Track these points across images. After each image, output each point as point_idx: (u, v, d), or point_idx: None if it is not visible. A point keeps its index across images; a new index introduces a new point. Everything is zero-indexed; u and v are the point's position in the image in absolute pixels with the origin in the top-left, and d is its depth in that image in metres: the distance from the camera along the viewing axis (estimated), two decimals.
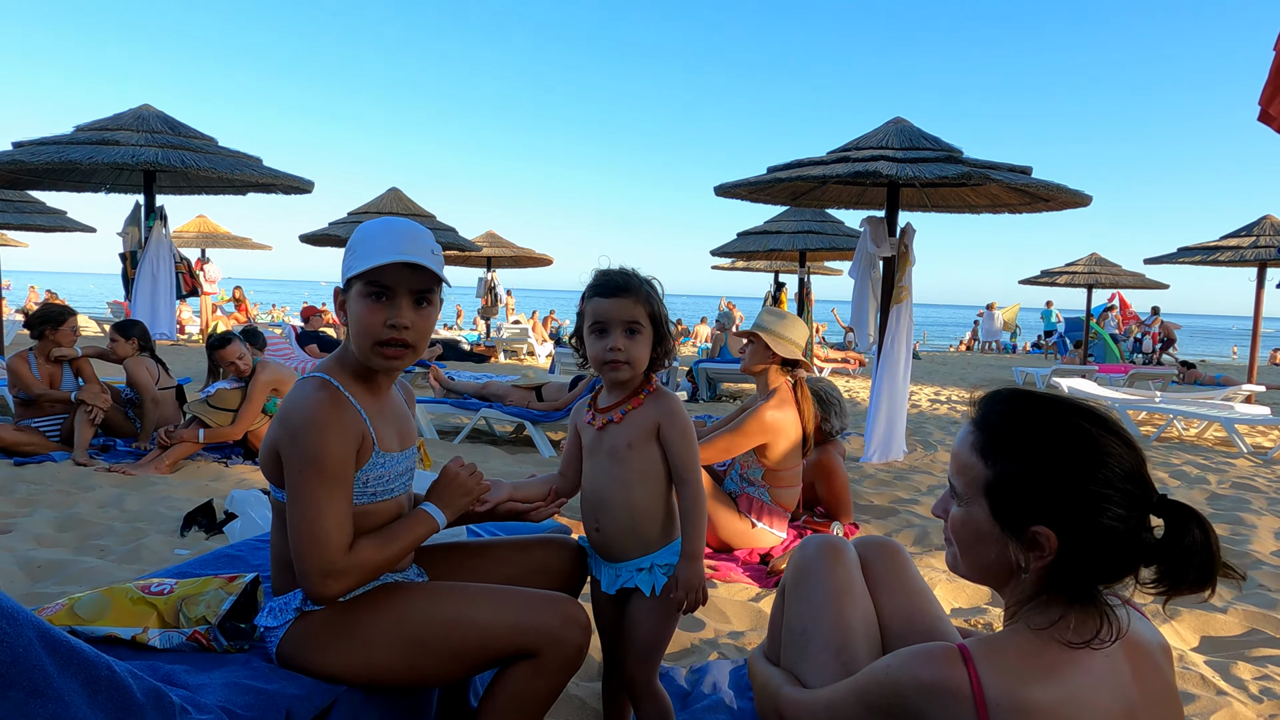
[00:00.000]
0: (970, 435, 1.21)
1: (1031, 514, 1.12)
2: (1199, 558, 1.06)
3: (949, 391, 13.19)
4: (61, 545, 3.40)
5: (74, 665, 1.05)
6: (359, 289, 1.50)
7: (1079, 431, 1.11)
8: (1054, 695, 1.06)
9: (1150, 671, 1.14)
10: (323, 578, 1.42)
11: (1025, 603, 1.15)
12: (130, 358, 5.38)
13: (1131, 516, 1.08)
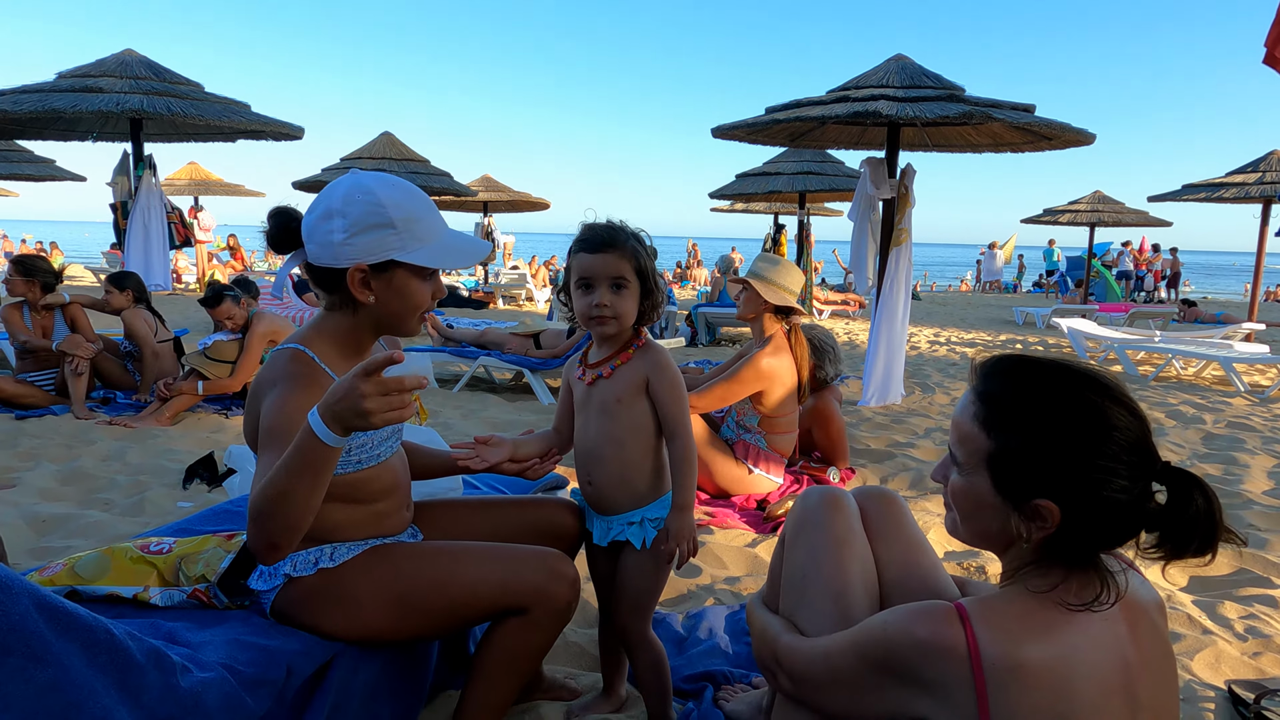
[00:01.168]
0: (971, 405, 1.19)
1: (1034, 487, 1.11)
2: (1202, 526, 1.06)
3: (948, 332, 13.18)
4: (65, 499, 3.43)
5: (72, 630, 1.06)
6: (413, 271, 1.52)
7: (1085, 403, 1.09)
8: (1049, 654, 1.07)
9: (1147, 630, 1.16)
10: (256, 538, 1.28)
11: (1024, 566, 1.15)
12: (126, 310, 5.35)
13: (1135, 487, 1.07)
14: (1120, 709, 1.09)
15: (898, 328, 6.27)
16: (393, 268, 1.51)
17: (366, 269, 1.49)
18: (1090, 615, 1.09)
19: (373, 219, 1.47)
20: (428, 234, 1.52)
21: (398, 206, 1.49)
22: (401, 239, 1.49)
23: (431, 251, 1.53)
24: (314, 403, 1.27)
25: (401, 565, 1.55)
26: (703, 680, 2.05)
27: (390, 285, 1.52)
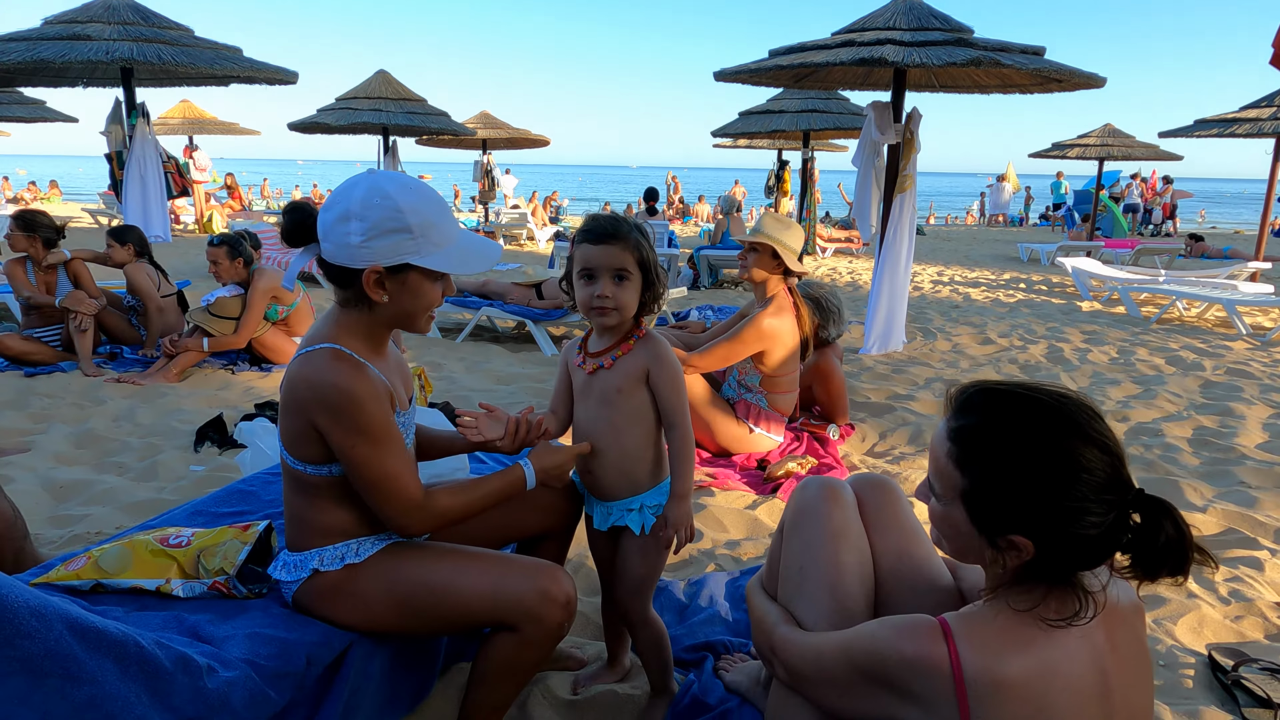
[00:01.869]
0: (945, 442, 1.22)
1: (1008, 524, 1.14)
2: (1173, 552, 1.10)
3: (953, 271, 13.10)
4: (80, 463, 3.51)
5: (104, 647, 1.12)
6: (426, 273, 1.55)
7: (1054, 446, 1.11)
8: (1028, 669, 1.12)
9: (1124, 636, 1.20)
10: (405, 523, 1.55)
11: (1006, 583, 1.20)
12: (129, 264, 5.35)
13: (1107, 519, 1.10)
14: (1095, 715, 1.15)
15: (900, 275, 6.26)
16: (407, 270, 1.53)
17: (382, 270, 1.52)
18: (1069, 630, 1.14)
19: (390, 224, 1.49)
20: (443, 238, 1.55)
21: (415, 211, 1.51)
22: (417, 243, 1.51)
23: (446, 256, 1.55)
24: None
25: (406, 570, 1.60)
26: (703, 650, 2.14)
27: (404, 286, 1.54)
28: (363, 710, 1.66)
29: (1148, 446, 3.93)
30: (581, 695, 1.96)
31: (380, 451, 1.48)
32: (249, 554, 1.69)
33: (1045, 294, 10.32)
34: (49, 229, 5.24)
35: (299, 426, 1.50)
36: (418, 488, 1.54)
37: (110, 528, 2.78)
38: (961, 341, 6.88)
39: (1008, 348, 6.65)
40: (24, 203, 23.53)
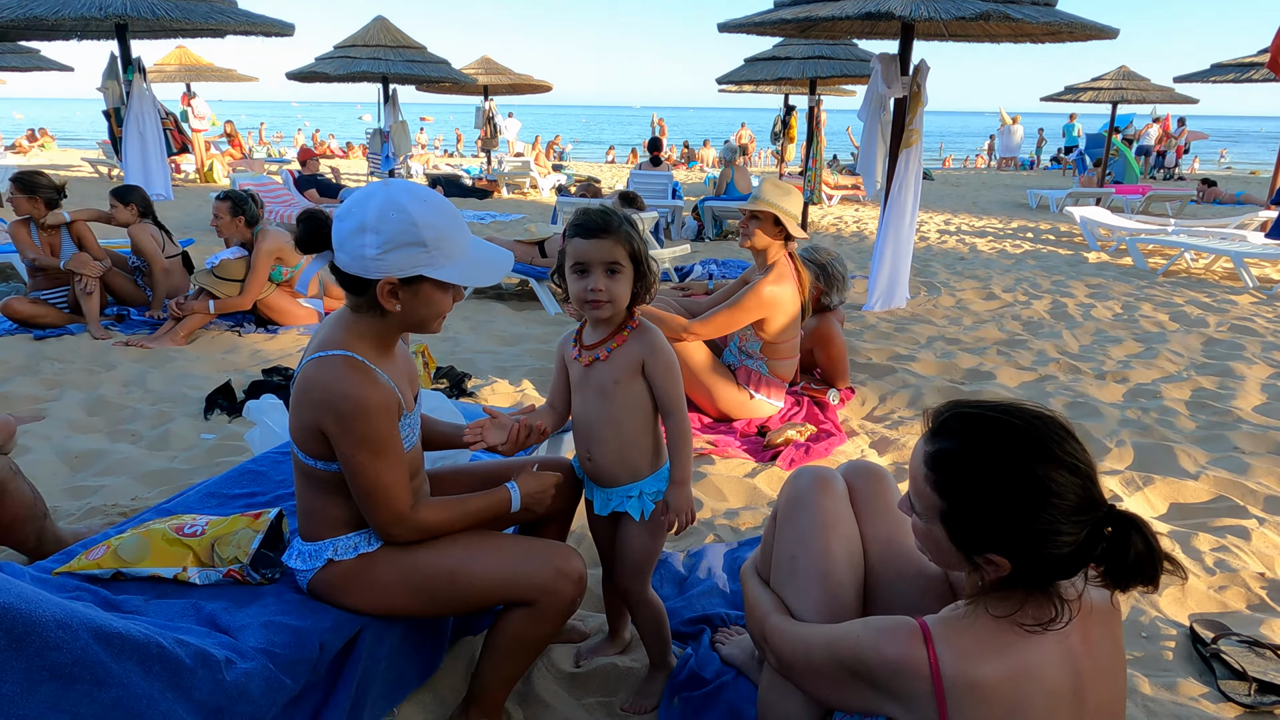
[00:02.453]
0: (923, 466, 1.25)
1: (984, 545, 1.19)
2: (1143, 566, 1.14)
3: (960, 219, 12.98)
4: (94, 431, 3.58)
5: (127, 650, 1.19)
6: (437, 284, 1.58)
7: (1025, 474, 1.15)
8: (1003, 672, 1.18)
9: (1099, 635, 1.26)
10: (390, 532, 1.62)
11: (985, 590, 1.24)
12: (132, 225, 5.34)
13: (1079, 536, 1.14)
14: (1068, 713, 1.21)
15: (905, 231, 6.22)
16: (420, 281, 1.56)
17: (396, 281, 1.54)
18: (1045, 633, 1.19)
19: (406, 238, 1.51)
20: (455, 250, 1.57)
21: (429, 226, 1.53)
22: (431, 256, 1.54)
23: (459, 268, 1.58)
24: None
25: (421, 556, 1.66)
26: (700, 623, 2.21)
27: (417, 296, 1.57)
28: (375, 687, 1.74)
29: (1145, 410, 3.96)
30: (584, 668, 2.05)
31: (379, 463, 1.53)
32: (261, 541, 1.75)
33: (1052, 244, 10.24)
34: (50, 189, 5.23)
35: (309, 426, 1.54)
36: (407, 501, 1.59)
37: (125, 499, 2.86)
38: (965, 297, 6.87)
39: (1011, 303, 6.64)
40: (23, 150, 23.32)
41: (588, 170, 18.76)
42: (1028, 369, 4.70)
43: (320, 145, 25.21)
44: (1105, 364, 4.83)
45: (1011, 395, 4.15)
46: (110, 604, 1.58)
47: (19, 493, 2.13)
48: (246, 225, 5.05)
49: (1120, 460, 3.43)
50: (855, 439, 3.61)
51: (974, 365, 4.71)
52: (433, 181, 14.35)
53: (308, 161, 11.17)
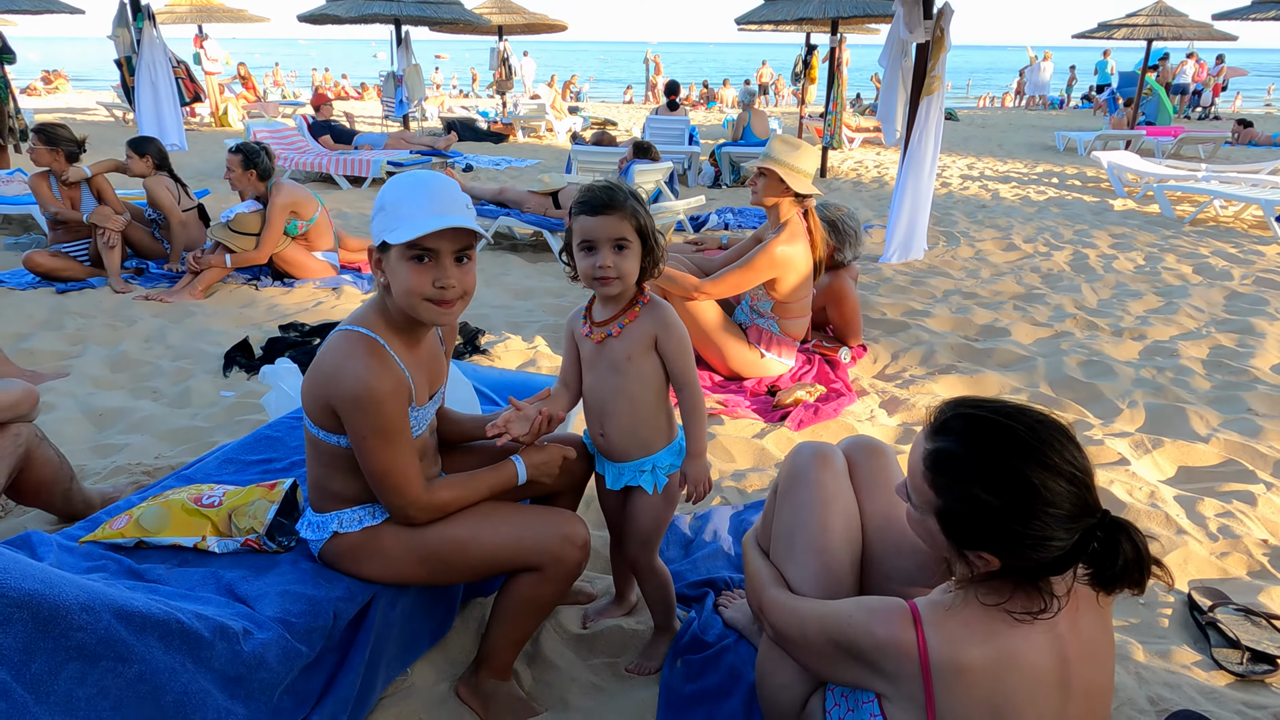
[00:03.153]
0: (921, 462, 1.26)
1: (976, 544, 1.21)
2: (1131, 572, 1.15)
3: (984, 163, 12.70)
4: (117, 387, 3.66)
5: (148, 628, 1.25)
6: (400, 252, 1.54)
7: (1021, 481, 1.15)
8: (989, 657, 1.21)
9: (1087, 621, 1.28)
10: (408, 515, 1.66)
11: (976, 579, 1.27)
12: (148, 178, 5.36)
13: (1070, 540, 1.15)
14: (1052, 697, 1.25)
15: (924, 181, 6.11)
16: (388, 249, 1.57)
17: (374, 250, 1.60)
18: (1033, 622, 1.22)
19: (377, 204, 1.58)
20: (411, 213, 1.52)
21: (395, 191, 1.57)
22: (389, 219, 1.55)
23: (405, 229, 1.51)
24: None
25: (429, 527, 1.71)
26: (704, 587, 2.27)
27: (390, 267, 1.58)
28: (388, 650, 1.82)
29: (1160, 369, 3.94)
30: (591, 629, 2.12)
31: (391, 448, 1.57)
32: (278, 510, 1.81)
33: (1078, 190, 10.02)
34: (71, 143, 5.25)
35: (320, 399, 1.58)
36: (420, 483, 1.63)
37: (149, 457, 2.95)
38: (985, 248, 6.77)
39: (1031, 254, 6.55)
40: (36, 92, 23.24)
41: (605, 112, 18.45)
42: (1044, 325, 4.66)
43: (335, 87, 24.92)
44: (1123, 320, 4.78)
45: (1025, 352, 4.13)
46: (134, 572, 1.66)
47: (45, 458, 2.20)
48: (259, 179, 5.05)
49: (1131, 422, 3.42)
50: (865, 398, 3.62)
51: (989, 321, 4.68)
52: (448, 126, 14.20)
53: (321, 107, 11.07)
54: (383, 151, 10.16)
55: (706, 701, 1.86)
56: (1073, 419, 3.45)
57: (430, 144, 11.09)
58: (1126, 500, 2.72)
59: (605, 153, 7.86)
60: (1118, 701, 1.85)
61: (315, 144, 10.41)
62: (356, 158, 9.47)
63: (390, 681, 1.87)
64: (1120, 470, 2.94)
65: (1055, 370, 3.89)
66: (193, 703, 1.31)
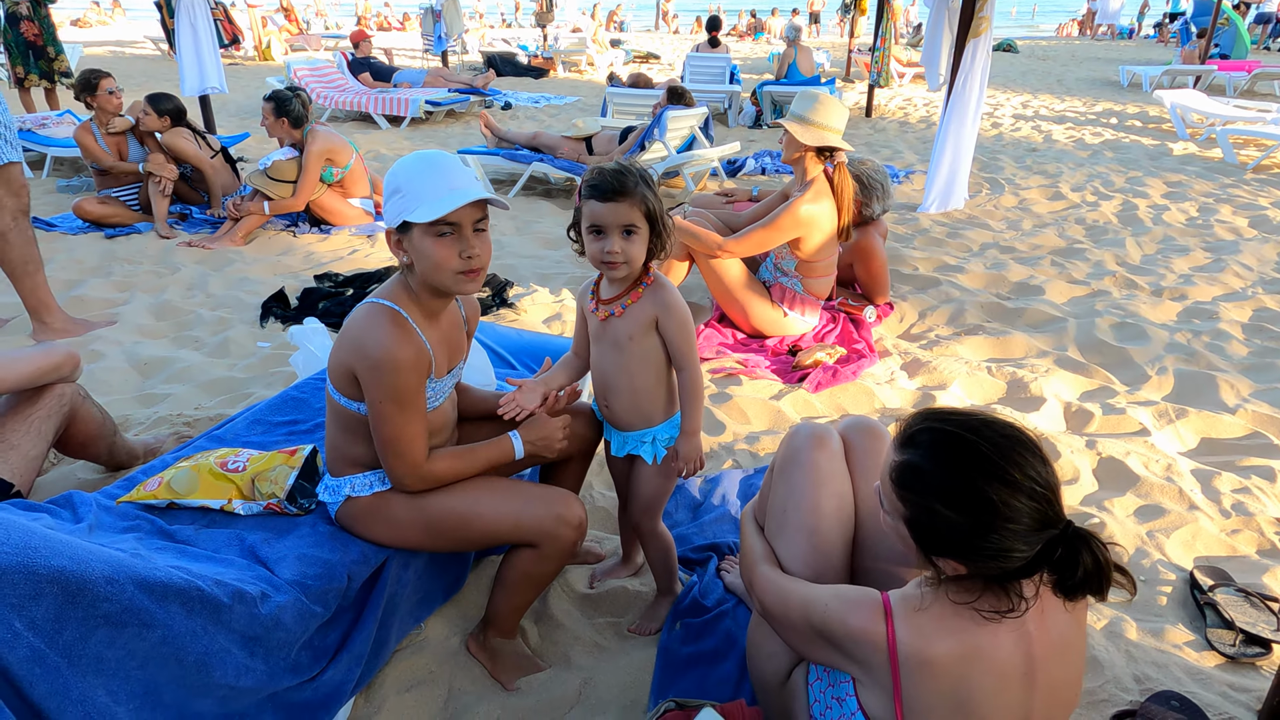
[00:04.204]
0: (891, 472, 1.29)
1: (941, 551, 1.24)
2: (1091, 581, 1.18)
3: (1040, 101, 12.20)
4: (160, 336, 3.82)
5: (169, 596, 1.36)
6: (424, 230, 1.62)
7: (983, 497, 1.17)
8: (954, 651, 1.26)
9: (1055, 621, 1.31)
10: (404, 482, 1.75)
11: (946, 579, 1.30)
12: (166, 133, 5.42)
13: (1033, 550, 1.18)
14: (1016, 692, 1.30)
15: (967, 128, 5.93)
16: (410, 229, 1.64)
17: (394, 232, 1.67)
18: (1001, 620, 1.26)
19: (390, 188, 1.64)
20: (427, 193, 1.60)
21: (404, 174, 1.63)
22: (406, 201, 1.62)
23: (427, 207, 1.59)
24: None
25: (434, 497, 1.80)
26: (708, 551, 2.35)
27: (413, 246, 1.66)
28: (402, 607, 1.93)
29: (1196, 333, 3.84)
30: (597, 589, 2.22)
31: (403, 415, 1.65)
32: (299, 474, 1.91)
33: (1137, 132, 9.60)
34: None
35: (344, 365, 1.68)
36: (423, 453, 1.72)
37: (189, 407, 3.10)
38: (1030, 196, 6.58)
39: (1078, 204, 6.35)
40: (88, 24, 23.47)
41: (648, 44, 18.02)
42: (1080, 283, 4.56)
43: (378, 17, 24.68)
44: (1165, 278, 4.64)
45: (1057, 313, 4.06)
46: (165, 533, 1.78)
47: (89, 416, 2.34)
48: (292, 126, 5.11)
49: (1158, 389, 3.37)
50: (887, 360, 3.61)
51: (1024, 278, 4.59)
52: (488, 60, 14.05)
53: (360, 44, 11.03)
54: (421, 90, 10.13)
55: (701, 664, 1.96)
56: (1097, 385, 3.41)
57: (468, 82, 11.01)
58: (1141, 474, 2.71)
59: (641, 95, 7.74)
60: (1103, 679, 1.89)
61: (354, 82, 10.42)
62: (395, 96, 9.46)
63: (405, 635, 2.00)
64: (1139, 441, 2.92)
65: (1085, 333, 3.83)
66: (213, 661, 1.43)
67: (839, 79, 14.32)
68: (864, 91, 11.41)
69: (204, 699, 1.46)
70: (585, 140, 6.33)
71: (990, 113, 11.06)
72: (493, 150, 6.60)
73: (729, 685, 1.90)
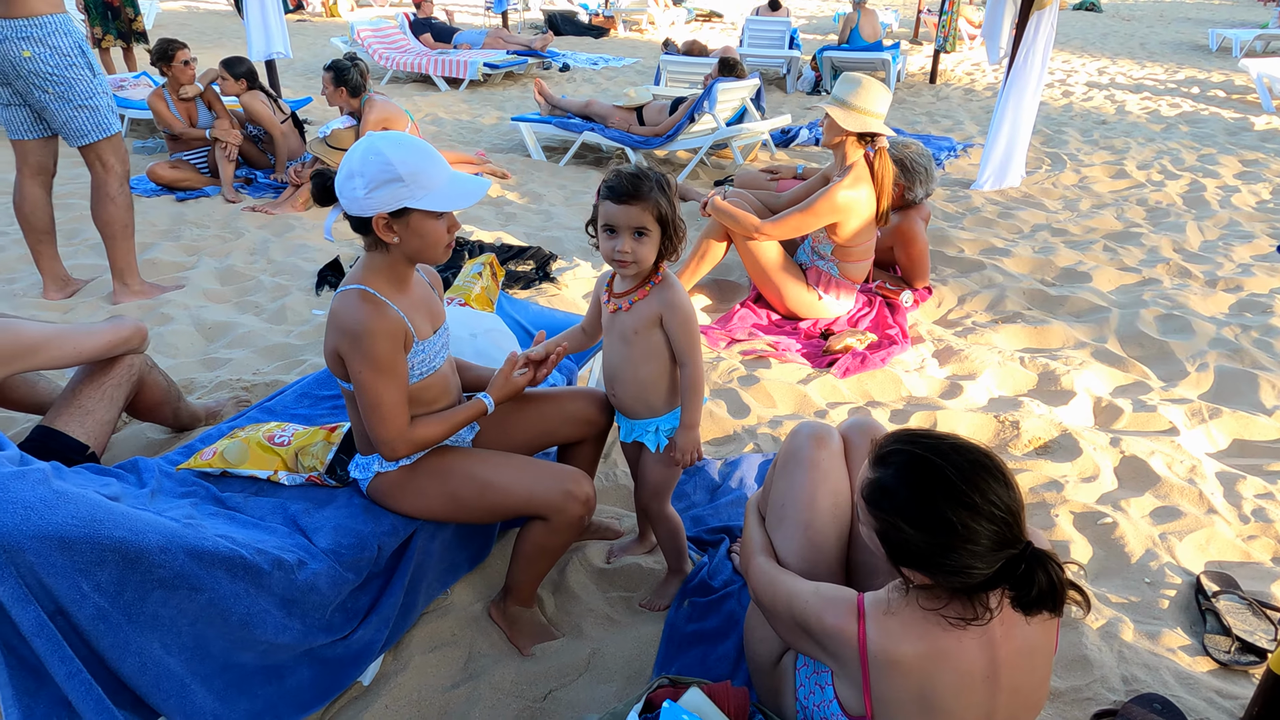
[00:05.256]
0: (864, 487, 1.37)
1: (907, 564, 1.33)
2: (1046, 599, 1.26)
3: (1118, 67, 11.67)
4: (224, 301, 4.06)
5: (216, 563, 1.53)
6: (424, 214, 1.76)
7: (943, 519, 1.25)
8: (920, 653, 1.35)
9: (1022, 630, 1.39)
10: (389, 447, 1.87)
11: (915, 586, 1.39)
12: (243, 95, 5.66)
13: (993, 569, 1.26)
14: (979, 692, 1.39)
15: (1027, 104, 5.77)
16: (408, 213, 1.76)
17: (387, 216, 1.76)
18: (965, 628, 1.35)
19: (385, 175, 1.72)
20: (432, 182, 1.75)
21: (404, 163, 1.72)
22: (410, 189, 1.73)
23: (436, 196, 1.75)
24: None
25: (454, 468, 1.95)
26: (721, 533, 2.46)
27: (409, 227, 1.78)
28: (429, 574, 2.10)
29: (1245, 328, 3.76)
30: (613, 565, 2.36)
31: (381, 381, 1.77)
32: (337, 451, 2.08)
33: (1219, 104, 9.15)
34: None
35: (332, 350, 1.83)
36: (405, 420, 1.83)
37: (248, 372, 3.32)
38: (1092, 174, 6.39)
39: (1142, 184, 6.15)
40: None
41: (710, 1, 17.70)
42: (1131, 270, 4.47)
43: None
44: (1222, 267, 4.51)
45: (1102, 301, 4.00)
46: (218, 499, 1.97)
47: (155, 383, 2.55)
48: (350, 95, 5.27)
49: (1196, 386, 3.33)
50: (919, 346, 3.64)
51: (1072, 264, 4.51)
52: (549, 19, 14.02)
53: (422, 4, 11.13)
54: (480, 52, 10.21)
55: (703, 642, 2.08)
56: (1132, 380, 3.39)
57: (527, 43, 11.04)
58: (1163, 474, 2.72)
59: (694, 63, 7.69)
60: (1090, 678, 1.96)
61: (416, 43, 10.56)
62: (454, 59, 9.57)
63: (431, 600, 2.17)
64: (1165, 441, 2.92)
65: (1128, 324, 3.78)
66: (255, 620, 1.61)
67: (907, 41, 13.90)
68: (930, 55, 11.09)
69: (246, 652, 1.64)
70: (636, 110, 6.36)
71: (1063, 80, 10.66)
72: (545, 118, 6.68)
73: (727, 663, 2.02)
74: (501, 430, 2.15)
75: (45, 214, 3.82)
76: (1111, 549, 2.43)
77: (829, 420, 3.08)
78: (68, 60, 3.44)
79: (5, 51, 3.33)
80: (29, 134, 3.64)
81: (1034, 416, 3.01)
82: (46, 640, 1.32)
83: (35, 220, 3.80)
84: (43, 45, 3.37)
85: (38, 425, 2.29)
